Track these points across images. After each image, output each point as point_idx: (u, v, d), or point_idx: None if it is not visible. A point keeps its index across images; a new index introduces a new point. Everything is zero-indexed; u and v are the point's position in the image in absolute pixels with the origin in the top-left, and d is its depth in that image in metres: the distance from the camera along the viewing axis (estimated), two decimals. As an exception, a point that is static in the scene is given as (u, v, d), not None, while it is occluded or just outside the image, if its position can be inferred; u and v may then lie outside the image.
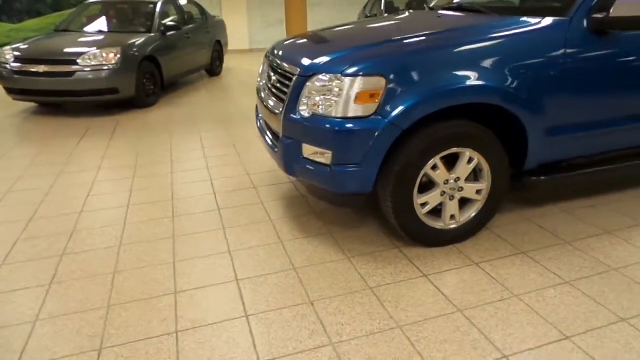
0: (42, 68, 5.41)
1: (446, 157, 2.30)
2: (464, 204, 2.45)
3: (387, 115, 2.12)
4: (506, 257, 2.38)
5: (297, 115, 2.33)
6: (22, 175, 3.75)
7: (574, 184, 2.86)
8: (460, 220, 2.46)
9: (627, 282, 2.14)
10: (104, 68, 5.43)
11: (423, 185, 2.33)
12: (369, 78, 2.12)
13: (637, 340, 1.79)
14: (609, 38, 2.36)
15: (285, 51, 2.78)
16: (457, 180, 2.36)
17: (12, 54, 5.59)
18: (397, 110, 2.11)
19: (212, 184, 3.45)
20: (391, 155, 2.21)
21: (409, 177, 2.25)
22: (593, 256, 2.36)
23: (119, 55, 5.51)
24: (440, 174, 2.32)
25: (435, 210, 2.41)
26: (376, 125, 2.12)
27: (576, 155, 2.59)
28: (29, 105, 6.24)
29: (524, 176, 2.52)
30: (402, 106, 2.11)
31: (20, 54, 5.59)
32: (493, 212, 2.52)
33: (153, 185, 3.44)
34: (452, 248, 2.47)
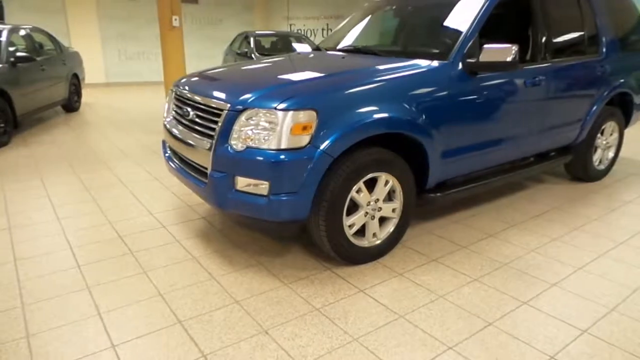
0: None
1: (366, 181, 2.57)
2: (382, 222, 2.74)
3: (321, 145, 2.30)
4: (422, 265, 2.71)
5: (229, 149, 2.37)
6: None
7: (459, 199, 3.39)
8: (381, 237, 2.73)
9: (517, 272, 2.64)
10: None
11: (348, 209, 2.55)
12: (303, 112, 2.29)
13: (538, 316, 2.22)
14: (479, 78, 2.93)
15: (202, 86, 2.80)
16: (377, 201, 2.64)
17: None
18: (328, 140, 2.31)
19: (114, 227, 3.18)
20: (322, 182, 2.39)
21: (339, 201, 2.46)
22: (487, 256, 2.83)
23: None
24: (364, 197, 2.57)
25: (359, 230, 2.65)
26: (311, 154, 2.29)
27: (464, 173, 3.11)
28: None
29: (425, 194, 2.92)
30: (333, 136, 2.32)
31: None
32: (406, 227, 2.86)
33: (38, 235, 3.04)
34: (376, 263, 2.72)
